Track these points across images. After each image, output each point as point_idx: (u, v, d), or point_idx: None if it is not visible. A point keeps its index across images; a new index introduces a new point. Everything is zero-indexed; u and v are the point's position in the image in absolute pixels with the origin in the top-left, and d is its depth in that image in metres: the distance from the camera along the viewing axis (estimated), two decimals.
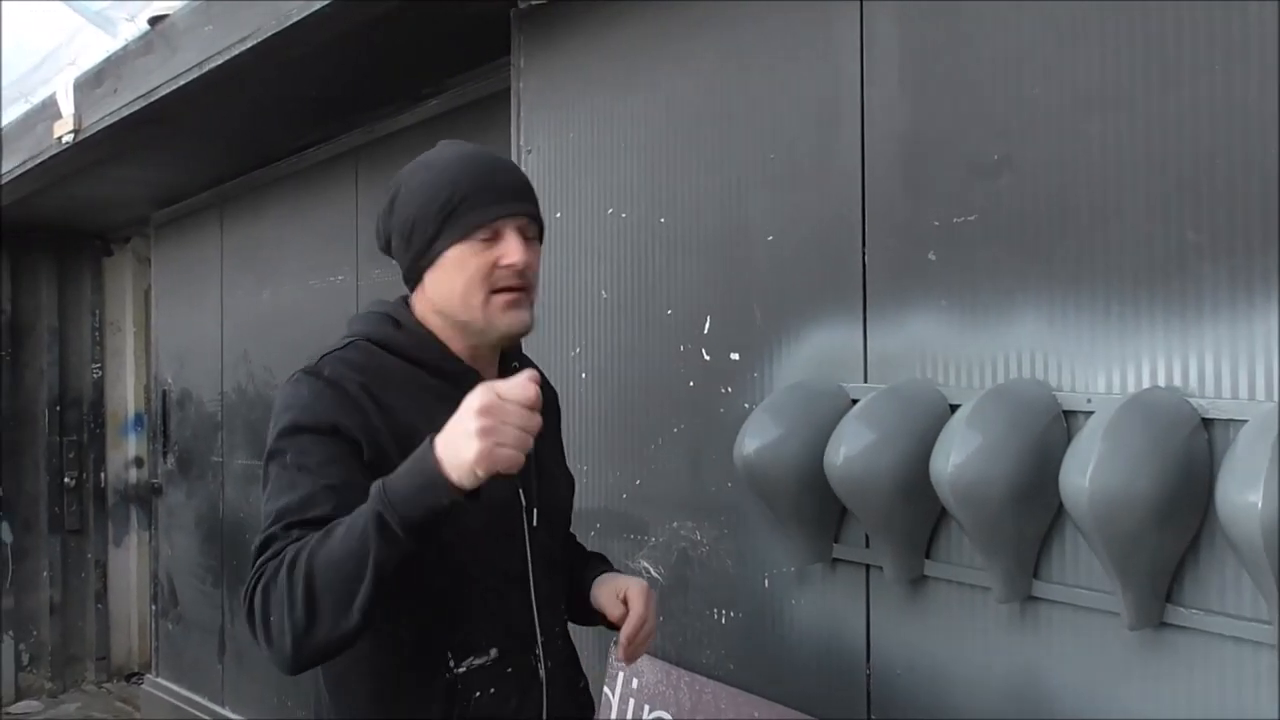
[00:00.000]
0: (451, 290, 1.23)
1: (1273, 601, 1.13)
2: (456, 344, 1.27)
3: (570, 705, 1.33)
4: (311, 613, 1.04)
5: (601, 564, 1.48)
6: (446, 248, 1.22)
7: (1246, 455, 1.11)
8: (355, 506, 1.09)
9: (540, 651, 1.27)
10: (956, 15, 1.54)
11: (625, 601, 1.34)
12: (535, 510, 1.28)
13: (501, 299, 1.23)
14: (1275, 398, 1.21)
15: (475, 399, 1.04)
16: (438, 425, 1.14)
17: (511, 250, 1.22)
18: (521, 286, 1.24)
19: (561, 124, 2.24)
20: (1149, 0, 1.33)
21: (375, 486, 1.05)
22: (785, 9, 1.78)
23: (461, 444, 1.02)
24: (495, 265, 1.22)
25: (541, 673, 1.27)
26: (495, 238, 1.22)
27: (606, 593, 1.36)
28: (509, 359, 1.34)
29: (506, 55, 2.38)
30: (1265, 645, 1.21)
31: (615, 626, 1.35)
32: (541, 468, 1.32)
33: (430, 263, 1.23)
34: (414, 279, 1.27)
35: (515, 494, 1.27)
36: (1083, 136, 1.40)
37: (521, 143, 2.33)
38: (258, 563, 1.10)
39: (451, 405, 1.18)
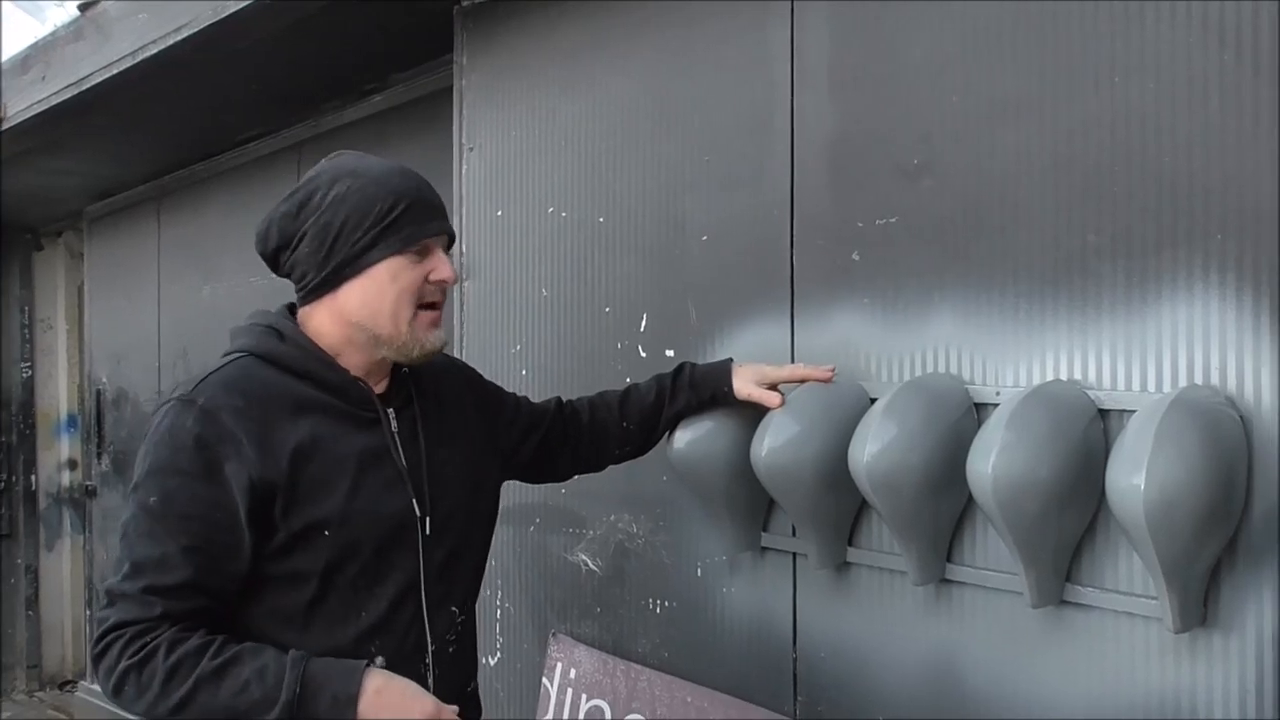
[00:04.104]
0: (380, 303, 1.23)
1: (1158, 578, 1.21)
2: (351, 356, 1.26)
3: (459, 710, 1.32)
4: None
5: (686, 389, 1.60)
6: (381, 258, 1.22)
7: (1133, 442, 1.19)
8: (215, 570, 1.14)
9: (430, 659, 1.28)
10: (882, 24, 1.61)
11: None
12: (428, 518, 1.28)
13: (426, 317, 1.26)
14: (1164, 389, 1.30)
15: (432, 709, 1.13)
16: (323, 439, 1.19)
17: (443, 267, 1.25)
18: (441, 303, 1.27)
19: (503, 122, 2.27)
20: (1059, 13, 1.41)
21: (288, 692, 1.09)
22: (721, 13, 1.84)
23: None
24: (426, 280, 1.24)
25: (430, 680, 1.28)
26: (425, 253, 1.25)
27: (748, 388, 1.56)
28: (400, 368, 1.32)
29: (450, 52, 2.41)
30: (1154, 619, 1.29)
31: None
32: (436, 472, 1.31)
33: (356, 272, 1.23)
34: (325, 288, 1.25)
35: (409, 503, 1.27)
36: (997, 143, 1.48)
37: (464, 140, 2.36)
38: (111, 621, 1.14)
39: (337, 418, 1.24)
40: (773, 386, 1.57)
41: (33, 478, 5.51)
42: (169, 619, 1.13)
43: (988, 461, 1.27)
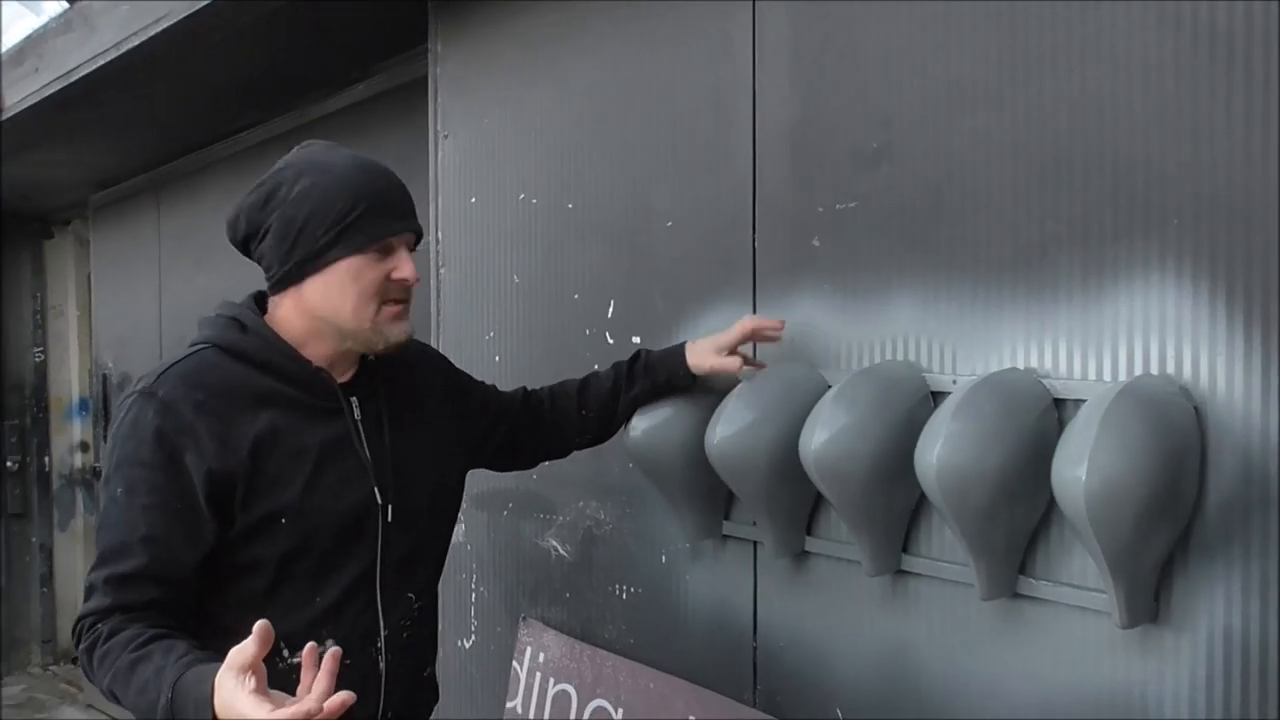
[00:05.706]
0: (342, 300, 1.24)
1: (1104, 571, 1.19)
2: (316, 346, 1.27)
3: (411, 694, 1.35)
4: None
5: (646, 372, 1.60)
6: (341, 257, 1.23)
7: (1079, 432, 1.16)
8: (170, 560, 1.17)
9: (382, 645, 1.28)
10: (842, 9, 1.58)
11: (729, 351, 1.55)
12: (390, 507, 1.29)
13: (390, 310, 1.27)
14: (1119, 378, 1.27)
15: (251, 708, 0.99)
16: (284, 431, 1.21)
17: (405, 266, 1.27)
18: (407, 299, 1.29)
19: (477, 110, 2.26)
20: (1015, 1, 1.37)
21: (163, 699, 1.06)
22: (684, 1, 1.81)
23: None
24: (388, 278, 1.26)
25: (382, 665, 1.28)
26: (387, 251, 1.26)
27: (705, 360, 1.55)
28: (367, 356, 1.33)
29: (427, 40, 2.39)
30: (1106, 614, 1.27)
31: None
32: (400, 462, 1.31)
33: (318, 269, 1.24)
34: (289, 281, 1.26)
35: (371, 493, 1.28)
36: (955, 129, 1.44)
37: (439, 128, 2.35)
38: (78, 614, 1.18)
39: (298, 409, 1.25)
40: (732, 352, 1.56)
41: (46, 459, 5.63)
42: (119, 609, 1.16)
43: (933, 452, 1.25)
